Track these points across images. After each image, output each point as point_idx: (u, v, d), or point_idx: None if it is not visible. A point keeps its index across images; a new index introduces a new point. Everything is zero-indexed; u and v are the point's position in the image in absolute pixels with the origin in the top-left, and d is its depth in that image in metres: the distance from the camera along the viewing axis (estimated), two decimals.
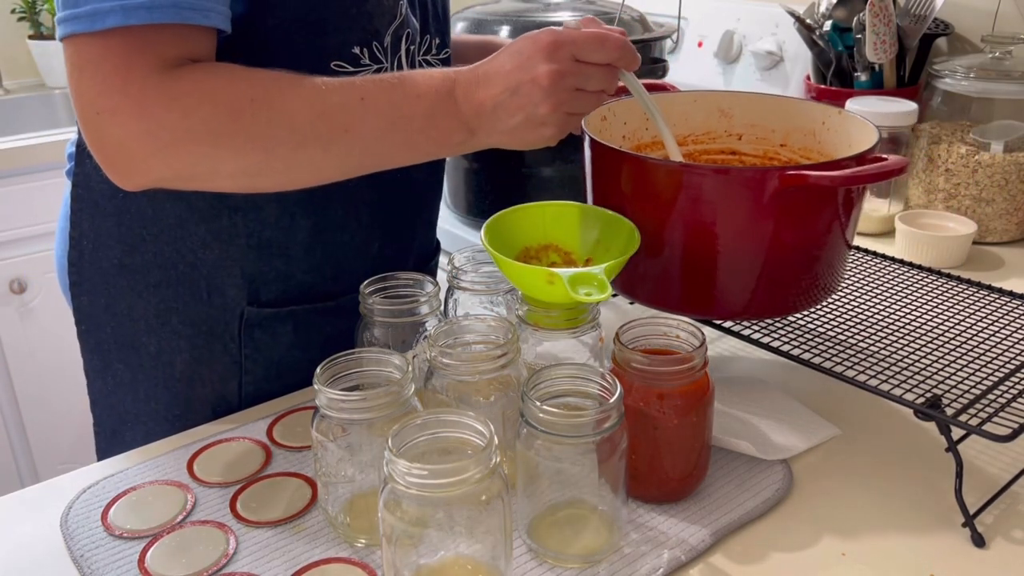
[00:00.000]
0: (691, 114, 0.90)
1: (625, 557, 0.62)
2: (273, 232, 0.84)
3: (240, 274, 0.84)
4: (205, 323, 0.86)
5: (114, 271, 0.86)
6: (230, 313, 0.85)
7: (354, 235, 0.88)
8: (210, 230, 0.83)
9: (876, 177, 0.67)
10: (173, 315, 0.86)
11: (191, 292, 0.85)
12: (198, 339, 0.86)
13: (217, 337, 0.86)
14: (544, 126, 0.71)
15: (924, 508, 0.68)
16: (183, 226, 0.83)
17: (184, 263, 0.84)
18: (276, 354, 0.88)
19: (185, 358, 0.87)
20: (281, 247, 0.85)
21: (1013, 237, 1.19)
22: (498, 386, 0.66)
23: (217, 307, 0.85)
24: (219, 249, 0.83)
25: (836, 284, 0.78)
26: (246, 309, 0.85)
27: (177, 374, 0.87)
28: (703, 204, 0.70)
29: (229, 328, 0.86)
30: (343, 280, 0.88)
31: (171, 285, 0.85)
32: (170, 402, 0.89)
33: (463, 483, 0.52)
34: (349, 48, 0.78)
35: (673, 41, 1.64)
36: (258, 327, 0.86)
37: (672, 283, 0.74)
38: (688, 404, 0.65)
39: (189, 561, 0.63)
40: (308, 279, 0.87)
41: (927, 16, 1.27)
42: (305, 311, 0.87)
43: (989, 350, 0.79)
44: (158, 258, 0.84)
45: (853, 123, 0.80)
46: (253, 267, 0.84)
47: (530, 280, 0.68)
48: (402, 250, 0.94)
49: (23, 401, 1.91)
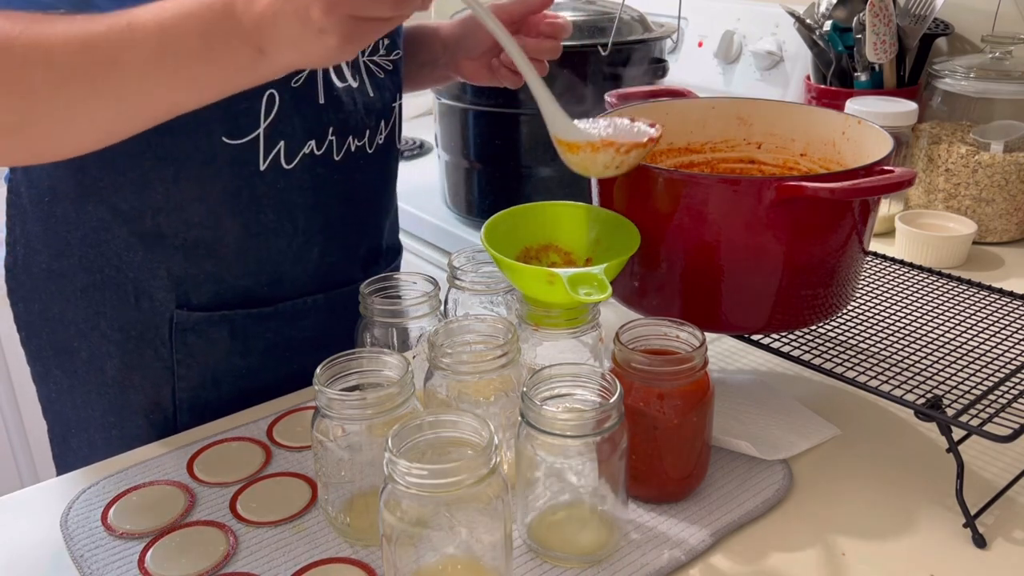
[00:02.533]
0: (709, 121, 0.89)
1: (625, 557, 0.62)
2: (200, 233, 0.81)
3: (167, 276, 0.82)
4: (135, 328, 0.84)
5: (44, 276, 0.85)
6: (159, 317, 0.83)
7: (291, 241, 0.84)
8: (133, 232, 0.80)
9: (878, 190, 0.66)
10: (102, 320, 0.84)
11: (119, 296, 0.83)
12: (128, 344, 0.84)
13: (147, 342, 0.84)
14: (324, 33, 0.57)
15: (924, 508, 0.68)
16: (107, 228, 0.81)
17: (110, 266, 0.82)
18: (212, 360, 0.85)
19: (116, 364, 0.85)
20: (210, 249, 0.82)
21: (1013, 237, 1.19)
22: (498, 386, 0.66)
23: (146, 311, 0.83)
24: (144, 251, 0.81)
25: (848, 297, 0.77)
26: (175, 313, 0.83)
27: (109, 380, 0.86)
28: (702, 214, 0.70)
29: (159, 333, 0.83)
30: (282, 286, 0.86)
31: (98, 289, 0.83)
32: (105, 409, 0.87)
33: (463, 483, 0.52)
34: None
35: (673, 41, 1.64)
36: (190, 332, 0.84)
37: (674, 295, 0.74)
38: (688, 404, 0.65)
39: (189, 561, 0.63)
40: (243, 283, 0.84)
41: (927, 16, 1.27)
42: (241, 316, 0.85)
43: (990, 351, 0.79)
44: (84, 262, 0.82)
45: (871, 133, 0.80)
46: (181, 269, 0.82)
47: (530, 280, 0.68)
48: (347, 258, 0.91)
49: (23, 401, 1.91)
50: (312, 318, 0.88)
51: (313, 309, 0.88)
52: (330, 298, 0.89)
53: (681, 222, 0.71)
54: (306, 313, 0.88)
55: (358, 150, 0.86)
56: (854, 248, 0.74)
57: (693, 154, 0.90)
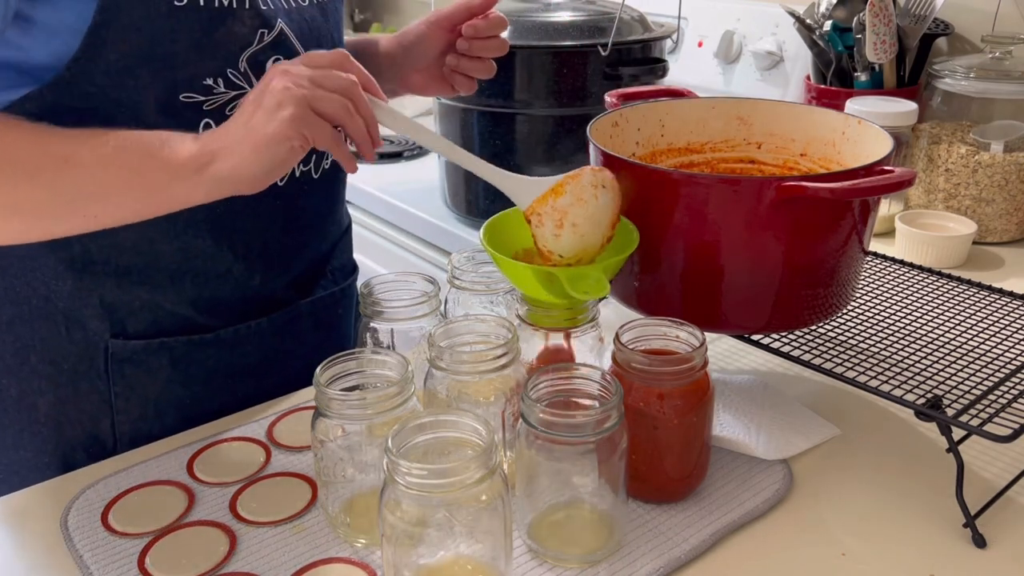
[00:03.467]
0: (709, 121, 0.89)
1: (625, 557, 0.62)
2: (132, 258, 0.78)
3: (99, 304, 0.79)
4: (67, 360, 0.80)
5: None
6: (93, 348, 0.80)
7: (230, 267, 0.81)
8: (61, 259, 0.77)
9: (878, 190, 0.66)
10: (31, 353, 0.81)
11: (48, 327, 0.79)
12: (61, 378, 0.81)
13: (82, 375, 0.81)
14: (281, 107, 0.64)
15: (924, 508, 0.68)
16: (33, 257, 0.78)
17: (37, 296, 0.79)
18: (152, 390, 0.82)
19: (49, 399, 0.82)
20: (143, 275, 0.79)
21: (1013, 237, 1.19)
22: (498, 386, 0.66)
23: (78, 342, 0.80)
24: (73, 279, 0.78)
25: (848, 297, 0.77)
26: (110, 342, 0.80)
27: (42, 418, 0.82)
28: (701, 214, 0.70)
29: (94, 364, 0.80)
30: (221, 312, 0.83)
31: (25, 321, 0.80)
32: (39, 448, 0.84)
33: (463, 483, 0.52)
34: (201, 80, 0.74)
35: (673, 41, 1.64)
36: (127, 362, 0.81)
37: (674, 295, 0.74)
38: (688, 404, 0.65)
39: (189, 561, 0.63)
40: (181, 311, 0.81)
41: (927, 16, 1.27)
42: (180, 343, 0.82)
43: (990, 351, 0.79)
44: (9, 293, 0.79)
45: (871, 133, 0.80)
46: (113, 296, 0.79)
47: (530, 279, 0.68)
48: (290, 282, 0.88)
49: None
50: (254, 343, 0.86)
51: (256, 334, 0.85)
52: (273, 321, 0.86)
53: (681, 222, 0.71)
54: (248, 338, 0.85)
55: (303, 175, 0.84)
56: (854, 248, 0.74)
57: (693, 154, 0.90)
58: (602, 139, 0.78)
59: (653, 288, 0.76)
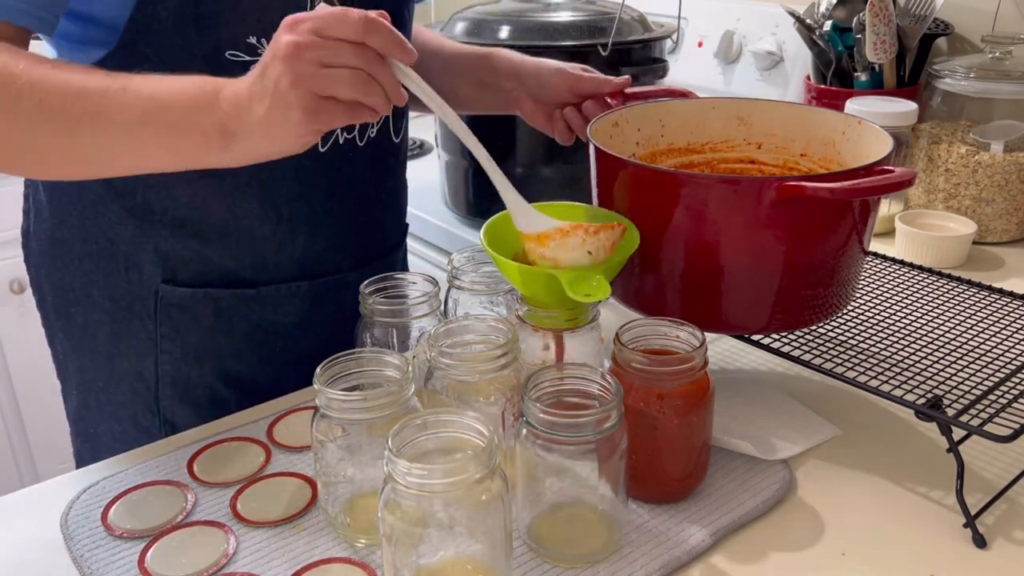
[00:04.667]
0: (709, 121, 0.89)
1: (625, 557, 0.62)
2: (186, 212, 0.84)
3: (154, 251, 0.85)
4: (123, 298, 0.87)
5: (48, 243, 0.90)
6: (146, 290, 0.86)
7: (275, 228, 0.86)
8: (125, 206, 0.84)
9: (878, 190, 0.66)
10: (95, 288, 0.87)
11: (110, 267, 0.86)
12: (117, 314, 0.87)
13: (135, 313, 0.87)
14: (290, 108, 0.62)
15: (925, 508, 0.68)
16: (102, 202, 0.84)
17: (104, 238, 0.86)
18: (195, 336, 0.87)
19: (106, 331, 0.88)
20: (195, 228, 0.84)
21: (1013, 237, 1.19)
22: (498, 386, 0.66)
23: (134, 283, 0.86)
24: (133, 225, 0.84)
25: (848, 297, 0.77)
26: (161, 287, 0.86)
27: (99, 347, 0.89)
28: (701, 214, 0.70)
29: (146, 305, 0.86)
30: (265, 270, 0.88)
31: (93, 259, 0.87)
32: (95, 373, 0.91)
33: (463, 483, 0.52)
34: (244, 38, 0.77)
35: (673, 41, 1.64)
36: (175, 306, 0.86)
37: (674, 295, 0.74)
38: (688, 404, 0.65)
39: (189, 561, 0.63)
40: (227, 264, 0.86)
41: (927, 16, 1.27)
42: (224, 296, 0.87)
43: (990, 351, 0.79)
44: (82, 232, 0.86)
45: (871, 133, 0.80)
46: (167, 245, 0.85)
47: (530, 280, 0.68)
48: (335, 249, 0.91)
49: (23, 401, 1.91)
50: (295, 304, 0.89)
51: (297, 295, 0.89)
52: (314, 286, 0.90)
53: (681, 222, 0.71)
54: (289, 299, 0.89)
55: (347, 143, 0.87)
56: (854, 248, 0.74)
57: (693, 154, 0.90)
58: (602, 139, 0.78)
59: (653, 288, 0.76)
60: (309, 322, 0.90)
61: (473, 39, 1.28)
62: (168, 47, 0.76)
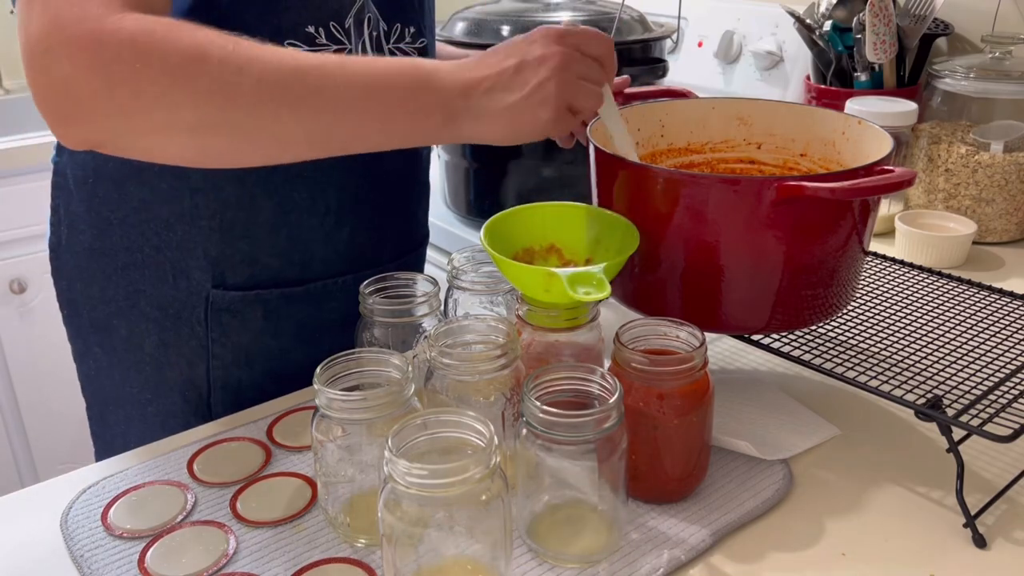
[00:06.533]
0: (709, 121, 0.89)
1: (625, 557, 0.62)
2: (235, 213, 0.83)
3: (203, 256, 0.84)
4: (172, 306, 0.86)
5: (86, 255, 0.88)
6: (196, 296, 0.86)
7: (322, 220, 0.87)
8: (172, 211, 0.83)
9: (878, 190, 0.66)
10: (141, 298, 0.86)
11: (157, 275, 0.85)
12: (166, 322, 0.87)
13: (184, 321, 0.86)
14: (544, 106, 0.67)
15: (924, 508, 0.68)
16: (147, 208, 0.83)
17: (149, 246, 0.85)
18: (245, 339, 0.88)
19: (153, 341, 0.87)
20: (245, 228, 0.84)
21: (1013, 237, 1.19)
22: (498, 386, 0.66)
23: (183, 290, 0.86)
24: (182, 231, 0.84)
25: (848, 297, 0.77)
26: (211, 292, 0.85)
27: (146, 357, 0.88)
28: (701, 214, 0.70)
29: (196, 311, 0.86)
30: (312, 266, 0.88)
31: (138, 268, 0.85)
32: (142, 385, 0.89)
33: (463, 483, 0.52)
34: (303, 27, 0.78)
35: (673, 41, 1.64)
36: (225, 311, 0.86)
37: (674, 295, 0.74)
38: (688, 404, 0.65)
39: (189, 561, 0.63)
40: (275, 263, 0.86)
41: (927, 16, 1.27)
42: (273, 296, 0.87)
43: (990, 351, 0.79)
44: (125, 241, 0.85)
45: (871, 133, 0.80)
46: (217, 249, 0.84)
47: (530, 280, 0.68)
48: (376, 239, 0.92)
49: (23, 401, 1.91)
50: (340, 299, 0.90)
51: (342, 290, 0.90)
52: (358, 279, 0.89)
53: (681, 222, 0.71)
54: (335, 294, 0.90)
55: None
56: (854, 248, 0.74)
57: (693, 154, 0.90)
58: (602, 139, 0.78)
59: (653, 288, 0.76)
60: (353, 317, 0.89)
61: (473, 39, 1.28)
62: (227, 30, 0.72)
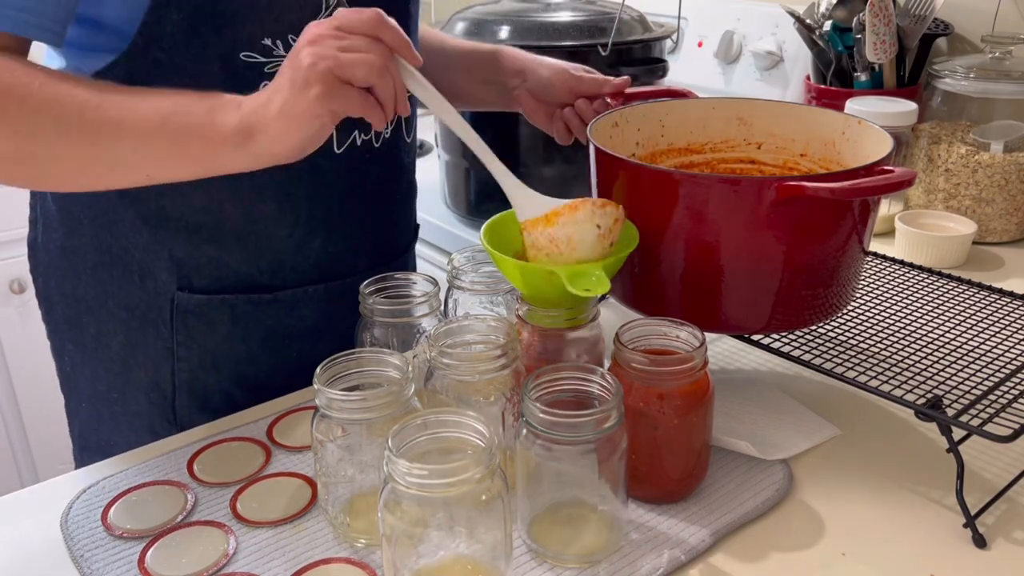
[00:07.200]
0: (709, 121, 0.89)
1: (625, 557, 0.62)
2: (202, 218, 0.83)
3: (170, 258, 0.84)
4: (138, 307, 0.86)
5: (58, 253, 0.89)
6: (162, 298, 0.85)
7: (292, 230, 0.86)
8: (139, 213, 0.83)
9: (878, 190, 0.66)
10: (109, 298, 0.87)
11: (125, 275, 0.85)
12: (132, 322, 0.87)
13: (150, 322, 0.86)
14: (308, 85, 0.65)
15: (924, 508, 0.68)
16: (115, 210, 0.84)
17: (117, 246, 0.85)
18: (211, 343, 0.87)
19: (120, 341, 0.88)
20: (212, 234, 0.84)
21: (1013, 237, 1.19)
22: (498, 386, 0.66)
23: (149, 291, 0.85)
24: (148, 233, 0.83)
25: (848, 297, 0.77)
26: (177, 294, 0.85)
27: (114, 356, 0.88)
28: (701, 214, 0.70)
29: (162, 313, 0.86)
30: (282, 274, 0.87)
31: (106, 268, 0.86)
32: (109, 384, 0.90)
33: (463, 483, 0.52)
34: (259, 39, 0.77)
35: (673, 41, 1.64)
36: (191, 314, 0.86)
37: (674, 295, 0.74)
38: (688, 404, 0.65)
39: (189, 561, 0.63)
40: (243, 269, 0.86)
41: (927, 16, 1.27)
42: (240, 301, 0.86)
43: (990, 351, 0.79)
44: (94, 241, 0.86)
45: (871, 133, 0.80)
46: (183, 252, 0.84)
47: (529, 279, 0.68)
48: (351, 250, 0.91)
49: (23, 401, 1.91)
50: (311, 307, 0.89)
51: (313, 298, 0.89)
52: (330, 288, 0.90)
53: (681, 222, 0.71)
54: (306, 302, 0.89)
55: (364, 144, 0.87)
56: (854, 248, 0.74)
57: (693, 154, 0.90)
58: (602, 139, 0.78)
59: (653, 288, 0.76)
60: (325, 325, 0.90)
61: (473, 39, 1.28)
62: (182, 48, 0.75)
